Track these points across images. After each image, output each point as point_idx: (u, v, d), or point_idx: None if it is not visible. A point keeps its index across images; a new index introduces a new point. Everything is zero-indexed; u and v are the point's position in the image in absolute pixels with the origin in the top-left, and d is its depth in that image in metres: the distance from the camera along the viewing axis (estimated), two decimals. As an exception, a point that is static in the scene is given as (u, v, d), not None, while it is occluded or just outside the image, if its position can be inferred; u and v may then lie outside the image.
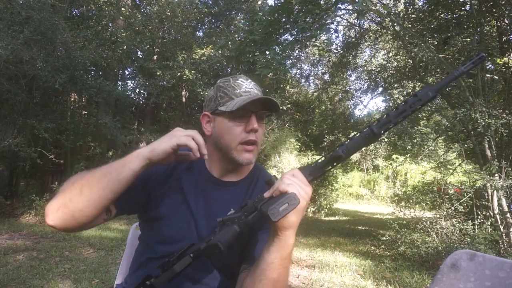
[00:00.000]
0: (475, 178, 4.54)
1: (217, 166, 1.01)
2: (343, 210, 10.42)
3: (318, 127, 13.74)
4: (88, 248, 4.24)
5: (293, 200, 0.71)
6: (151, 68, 8.98)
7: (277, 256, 0.77)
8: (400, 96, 9.18)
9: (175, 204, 0.97)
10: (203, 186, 1.00)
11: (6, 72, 5.25)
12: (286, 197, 0.72)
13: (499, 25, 5.11)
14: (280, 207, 0.71)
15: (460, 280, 0.86)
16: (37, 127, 5.69)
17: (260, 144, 0.97)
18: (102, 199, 0.81)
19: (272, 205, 0.71)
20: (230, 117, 0.93)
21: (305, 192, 0.76)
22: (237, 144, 0.93)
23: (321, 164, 0.82)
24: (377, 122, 0.79)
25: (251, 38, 4.28)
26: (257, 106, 0.93)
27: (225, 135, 0.94)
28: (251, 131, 0.92)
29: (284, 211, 0.71)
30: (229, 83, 0.96)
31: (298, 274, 3.69)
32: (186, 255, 0.82)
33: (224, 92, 0.94)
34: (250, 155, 0.94)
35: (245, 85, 0.96)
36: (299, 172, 0.79)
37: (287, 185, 0.75)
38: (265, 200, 0.79)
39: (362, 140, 0.79)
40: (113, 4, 8.51)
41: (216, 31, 10.93)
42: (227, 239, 0.78)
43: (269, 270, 0.77)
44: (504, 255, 3.82)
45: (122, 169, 0.82)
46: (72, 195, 0.81)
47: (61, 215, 0.80)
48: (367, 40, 9.33)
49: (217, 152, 0.99)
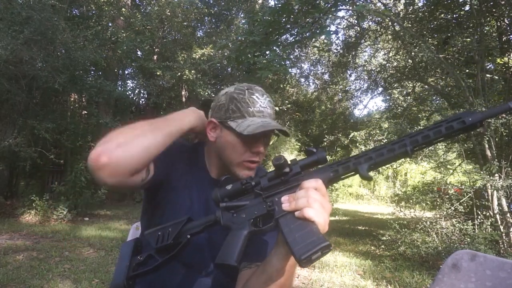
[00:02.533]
0: (475, 178, 4.54)
1: (216, 169, 1.01)
2: (343, 210, 10.41)
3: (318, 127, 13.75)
4: (88, 248, 4.24)
5: (326, 249, 0.65)
6: (151, 68, 8.99)
7: (285, 263, 0.75)
8: (400, 96, 9.17)
9: (181, 199, 0.97)
10: (203, 186, 1.00)
11: (6, 72, 5.25)
12: (320, 246, 0.64)
13: (499, 25, 5.11)
14: (313, 256, 0.64)
15: (461, 280, 0.86)
16: (37, 127, 5.69)
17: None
18: (158, 146, 0.81)
19: (304, 250, 0.64)
20: (238, 135, 0.91)
21: (328, 216, 0.70)
22: (240, 161, 0.93)
23: (342, 173, 0.74)
24: (411, 137, 0.70)
25: (251, 39, 4.28)
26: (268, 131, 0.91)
27: (229, 150, 0.93)
28: (258, 153, 0.92)
29: (316, 259, 0.65)
30: (244, 97, 0.93)
31: (298, 274, 3.68)
32: (183, 233, 0.82)
33: (237, 107, 0.92)
34: (251, 172, 0.94)
35: (260, 103, 0.93)
36: (323, 186, 0.71)
37: (315, 213, 0.67)
38: (284, 213, 0.71)
39: (393, 158, 0.71)
40: (113, 4, 8.51)
41: (217, 31, 10.94)
42: (239, 252, 0.74)
43: (277, 276, 0.76)
44: (504, 255, 3.82)
45: (181, 122, 0.88)
46: (135, 135, 0.79)
47: (121, 154, 0.74)
48: (367, 40, 9.32)
49: (218, 159, 0.99)
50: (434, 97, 7.16)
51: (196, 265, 0.95)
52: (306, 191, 0.70)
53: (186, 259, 0.92)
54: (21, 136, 5.51)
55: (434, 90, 6.39)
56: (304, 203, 0.68)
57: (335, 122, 12.44)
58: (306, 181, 0.71)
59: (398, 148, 0.70)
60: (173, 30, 10.11)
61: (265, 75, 4.06)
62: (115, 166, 0.74)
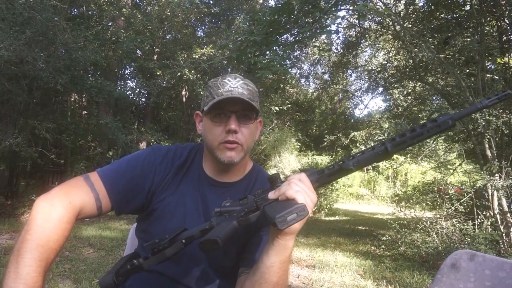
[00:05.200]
0: (475, 178, 4.54)
1: (211, 166, 1.01)
2: (343, 210, 10.41)
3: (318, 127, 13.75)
4: (88, 248, 4.24)
5: (302, 211, 0.69)
6: (151, 68, 8.99)
7: (276, 259, 0.76)
8: (401, 96, 9.17)
9: (172, 204, 0.97)
10: (200, 187, 1.00)
11: (7, 72, 5.25)
12: (295, 207, 0.69)
13: (499, 25, 5.11)
14: (288, 216, 0.68)
15: (460, 280, 0.87)
16: (38, 127, 5.69)
17: (247, 144, 0.95)
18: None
19: (280, 212, 0.69)
20: (211, 117, 0.93)
21: (311, 201, 0.75)
22: (218, 144, 0.93)
23: (329, 172, 0.80)
24: (392, 140, 0.78)
25: (251, 39, 4.28)
26: (236, 106, 0.91)
27: (208, 135, 0.95)
28: (229, 131, 0.91)
29: (292, 221, 0.69)
30: (216, 83, 0.94)
31: (298, 274, 3.69)
32: (178, 240, 0.82)
33: (210, 92, 0.94)
34: (232, 153, 0.93)
35: (230, 84, 0.92)
36: (306, 178, 0.78)
37: (295, 192, 0.73)
38: (269, 201, 0.77)
39: (374, 156, 0.78)
40: (113, 4, 8.51)
41: (217, 31, 10.94)
42: (225, 234, 0.75)
43: (268, 273, 0.77)
44: (504, 255, 3.82)
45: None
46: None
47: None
48: (367, 39, 9.33)
49: (208, 152, 0.99)
50: (434, 97, 7.16)
51: (196, 257, 0.95)
52: (289, 182, 0.76)
53: (187, 250, 0.92)
54: (21, 136, 5.51)
55: (435, 90, 6.39)
56: (286, 188, 0.74)
57: (335, 122, 12.46)
58: (290, 176, 0.78)
59: (378, 147, 0.78)
60: (173, 30, 10.11)
61: (265, 75, 4.06)
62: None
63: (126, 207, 0.94)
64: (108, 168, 0.94)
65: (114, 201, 0.91)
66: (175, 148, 1.04)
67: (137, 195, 0.95)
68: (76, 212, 0.83)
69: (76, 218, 0.84)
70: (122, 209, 0.94)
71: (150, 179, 0.96)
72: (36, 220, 0.77)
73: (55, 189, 0.85)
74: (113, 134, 7.06)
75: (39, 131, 5.72)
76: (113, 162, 0.98)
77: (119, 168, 0.94)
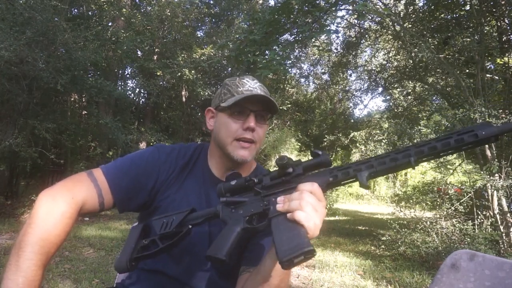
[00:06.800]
0: (475, 178, 4.54)
1: (218, 164, 1.02)
2: (343, 210, 10.41)
3: (318, 127, 13.75)
4: (88, 248, 4.24)
5: (309, 254, 0.64)
6: (151, 68, 8.99)
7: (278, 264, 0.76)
8: (401, 96, 9.17)
9: (176, 202, 0.97)
10: (204, 185, 1.00)
11: (7, 72, 5.25)
12: (303, 250, 0.64)
13: (499, 25, 5.11)
14: (296, 259, 0.64)
15: (460, 280, 0.87)
16: (38, 127, 5.69)
17: (259, 144, 0.98)
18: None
19: (287, 250, 0.65)
20: (229, 113, 0.94)
21: (320, 220, 0.69)
22: (233, 140, 0.94)
23: (341, 179, 0.73)
24: (417, 147, 0.67)
25: (251, 38, 4.28)
26: (256, 106, 0.93)
27: (222, 130, 0.95)
28: (248, 129, 0.93)
29: (298, 263, 0.65)
30: (234, 82, 0.97)
31: (298, 274, 3.69)
32: (185, 223, 0.83)
33: (228, 89, 0.96)
34: (246, 152, 0.94)
35: (249, 84, 0.96)
36: (319, 189, 0.71)
37: (305, 217, 0.67)
38: (277, 214, 0.72)
39: (394, 168, 0.69)
40: (113, 4, 8.51)
41: (217, 31, 10.95)
42: (231, 246, 0.75)
43: (271, 277, 0.76)
44: (504, 255, 3.82)
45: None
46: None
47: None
48: (367, 39, 9.33)
49: (217, 149, 1.00)
50: (434, 97, 7.16)
51: (197, 255, 0.96)
52: (300, 194, 0.70)
53: (187, 248, 0.93)
54: (21, 136, 5.50)
55: (434, 90, 6.39)
56: (297, 206, 0.69)
57: (335, 122, 12.45)
58: (302, 184, 0.72)
59: (402, 158, 0.68)
60: (173, 30, 10.12)
61: (265, 74, 4.07)
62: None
63: (129, 204, 0.95)
64: (112, 165, 0.95)
65: (116, 197, 0.91)
66: (179, 147, 1.04)
67: (140, 193, 0.95)
68: (78, 207, 0.84)
69: (78, 213, 0.84)
70: (125, 206, 0.95)
71: (153, 177, 0.96)
72: (39, 214, 0.78)
73: (58, 183, 0.87)
74: (113, 134, 7.06)
75: (39, 131, 5.71)
76: (116, 159, 0.99)
77: (122, 166, 0.95)
